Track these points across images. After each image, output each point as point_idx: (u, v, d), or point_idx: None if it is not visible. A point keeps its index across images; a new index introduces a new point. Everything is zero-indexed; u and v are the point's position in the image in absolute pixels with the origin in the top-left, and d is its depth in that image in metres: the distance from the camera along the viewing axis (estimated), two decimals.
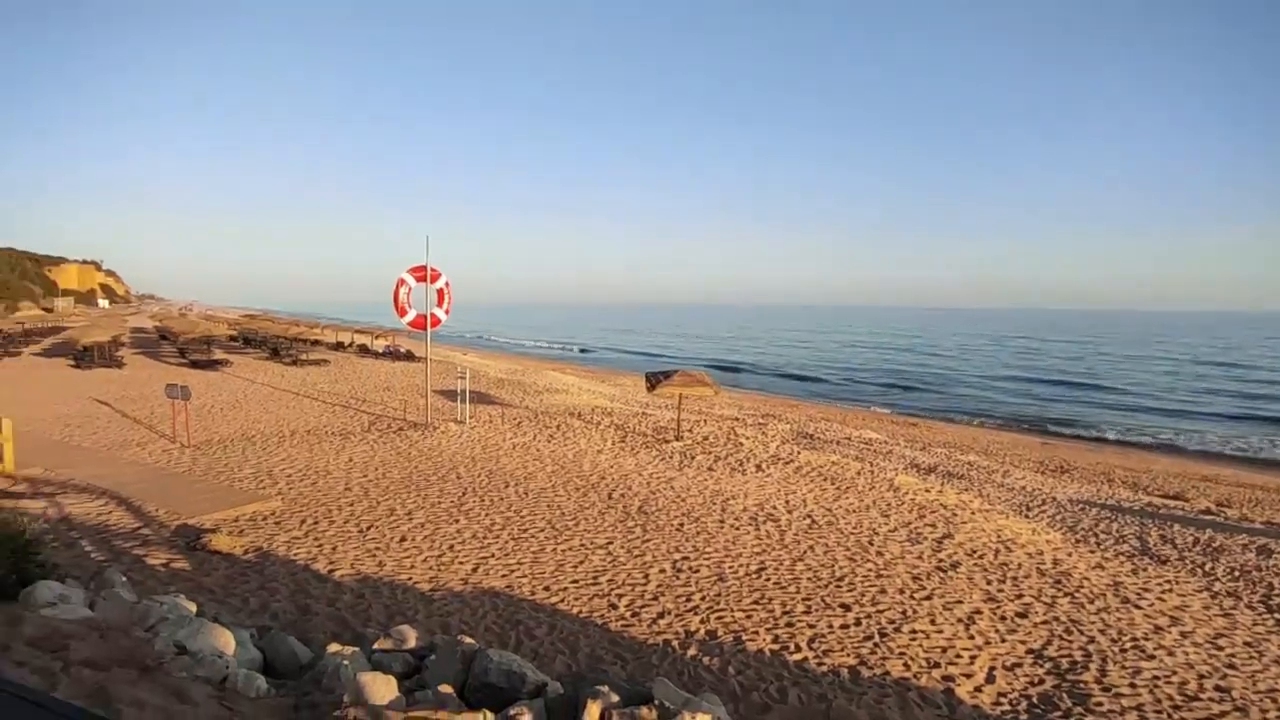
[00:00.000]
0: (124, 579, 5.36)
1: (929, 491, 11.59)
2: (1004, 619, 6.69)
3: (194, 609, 4.46)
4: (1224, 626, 6.85)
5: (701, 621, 6.28)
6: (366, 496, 9.67)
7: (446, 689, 3.47)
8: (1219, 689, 5.58)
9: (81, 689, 2.58)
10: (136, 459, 11.33)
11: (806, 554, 8.22)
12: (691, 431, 15.98)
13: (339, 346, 37.02)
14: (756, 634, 6.08)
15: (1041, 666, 5.80)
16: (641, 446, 14.13)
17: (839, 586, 7.28)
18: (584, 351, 64.63)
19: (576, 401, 20.62)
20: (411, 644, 4.29)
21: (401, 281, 15.44)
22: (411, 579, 6.91)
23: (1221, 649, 6.32)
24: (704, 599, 6.79)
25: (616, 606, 6.53)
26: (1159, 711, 5.21)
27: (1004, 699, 5.26)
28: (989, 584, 7.57)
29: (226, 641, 3.80)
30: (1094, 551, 9.14)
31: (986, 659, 5.86)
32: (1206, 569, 8.65)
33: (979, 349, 71.00)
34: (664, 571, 7.46)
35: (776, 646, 5.88)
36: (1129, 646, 6.26)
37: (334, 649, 4.04)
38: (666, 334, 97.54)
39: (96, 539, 7.41)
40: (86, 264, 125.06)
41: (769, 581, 7.33)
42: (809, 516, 9.77)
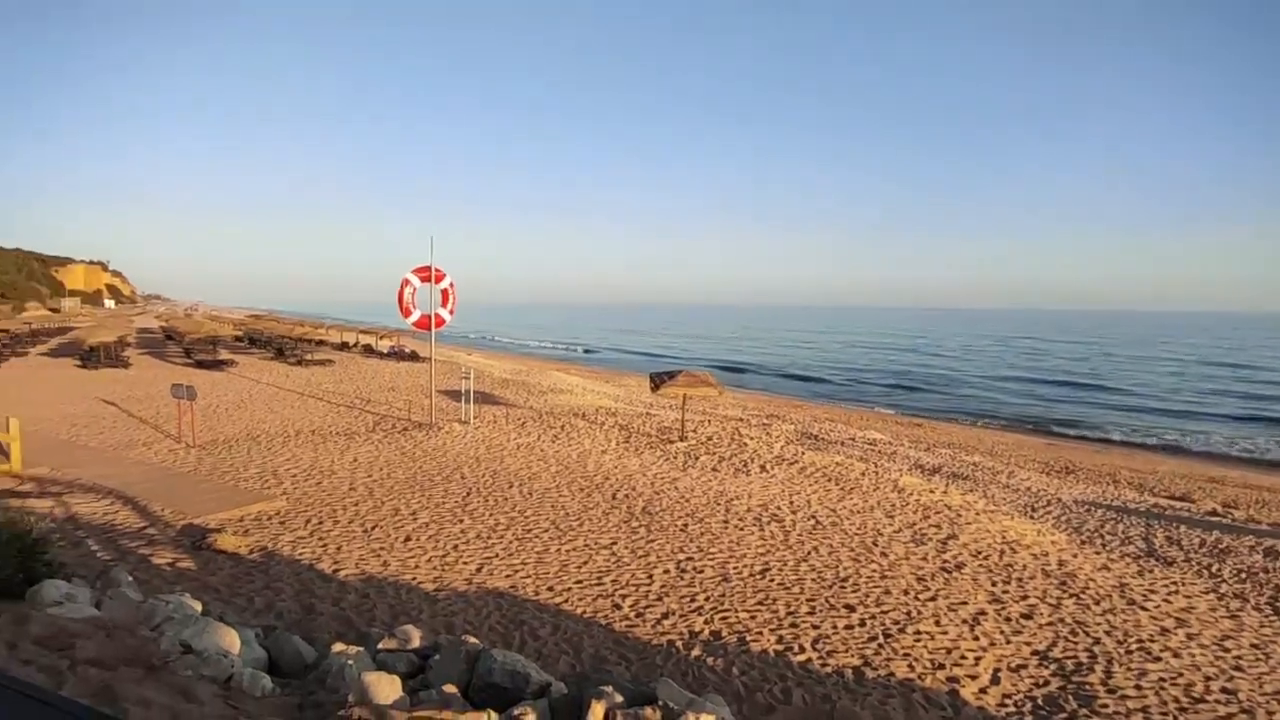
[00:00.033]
0: (130, 578, 5.40)
1: (933, 492, 11.55)
2: (1009, 620, 6.67)
3: (199, 608, 4.48)
4: (1231, 628, 6.81)
5: (706, 622, 6.28)
6: (371, 496, 9.69)
7: (451, 689, 3.47)
8: (1225, 691, 5.55)
9: (88, 687, 2.59)
10: (142, 459, 11.39)
11: (811, 555, 8.21)
12: (696, 432, 15.96)
13: (344, 347, 37.10)
14: (761, 635, 6.08)
15: (1047, 668, 5.78)
16: (646, 447, 14.12)
17: (843, 587, 7.26)
18: (588, 352, 64.66)
19: (580, 402, 20.63)
20: (416, 644, 4.30)
21: (406, 282, 15.48)
22: (416, 579, 6.92)
23: (1228, 651, 6.29)
24: (708, 599, 6.79)
25: (620, 607, 6.53)
26: (1165, 714, 5.18)
27: (1009, 700, 5.25)
28: (994, 585, 7.55)
29: (232, 641, 3.82)
30: (1099, 553, 9.10)
31: (991, 660, 5.85)
32: (1213, 570, 8.60)
33: (983, 349, 70.78)
34: (668, 572, 7.47)
35: (781, 647, 5.87)
36: (1135, 648, 6.23)
37: (339, 649, 4.05)
38: (670, 334, 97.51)
39: (103, 538, 7.45)
40: (93, 264, 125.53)
41: (773, 582, 7.32)
42: (813, 517, 9.75)
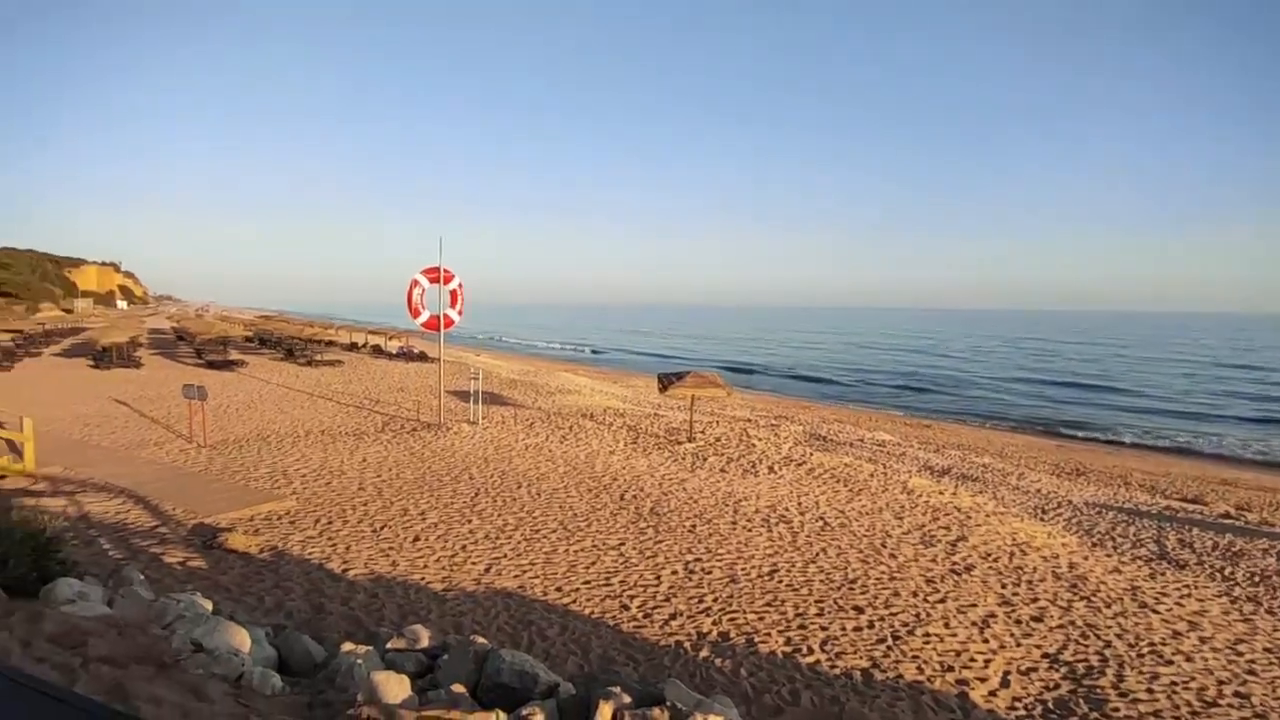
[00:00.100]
0: (142, 577, 5.44)
1: (943, 494, 11.49)
2: (1019, 623, 6.62)
3: (210, 607, 4.51)
4: (1244, 632, 6.74)
5: (714, 623, 6.27)
6: (380, 496, 9.74)
7: (459, 689, 3.48)
8: (1238, 695, 5.49)
9: (100, 685, 2.61)
10: (154, 458, 11.48)
11: (819, 556, 8.18)
12: (704, 433, 15.94)
13: (353, 347, 37.29)
14: (769, 636, 6.06)
15: (1057, 671, 5.73)
16: (654, 448, 14.12)
17: (852, 589, 7.23)
18: (595, 353, 64.71)
19: (588, 402, 20.64)
20: (424, 643, 4.31)
21: (415, 283, 15.55)
22: (424, 579, 6.95)
23: (1241, 655, 6.22)
24: (716, 600, 6.78)
25: (628, 607, 6.53)
26: (1177, 718, 5.13)
27: (1019, 704, 5.21)
28: (1004, 587, 7.49)
29: (242, 639, 3.85)
30: (1111, 555, 9.02)
31: (1001, 663, 5.81)
32: (1226, 574, 8.51)
33: (991, 350, 70.33)
34: (676, 573, 7.46)
35: (789, 649, 5.86)
36: (1146, 651, 6.17)
37: (348, 648, 4.07)
38: (677, 335, 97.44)
39: (115, 537, 7.52)
40: (106, 265, 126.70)
41: (781, 583, 7.30)
42: (822, 518, 9.72)
